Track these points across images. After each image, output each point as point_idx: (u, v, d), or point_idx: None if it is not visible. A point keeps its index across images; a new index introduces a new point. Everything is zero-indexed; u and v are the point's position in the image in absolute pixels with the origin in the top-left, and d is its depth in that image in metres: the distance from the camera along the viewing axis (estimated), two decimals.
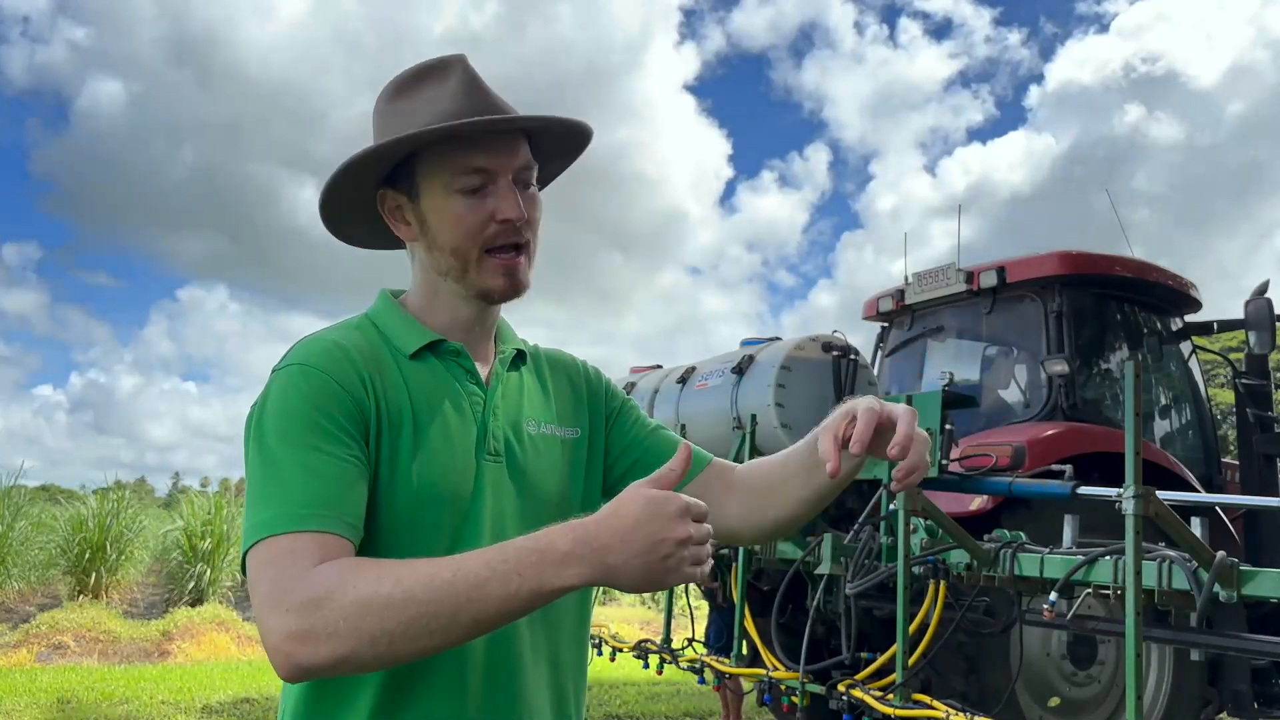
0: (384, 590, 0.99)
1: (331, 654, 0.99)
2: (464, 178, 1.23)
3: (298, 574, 1.03)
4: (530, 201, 1.27)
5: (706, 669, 5.08)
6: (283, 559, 1.04)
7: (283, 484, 1.10)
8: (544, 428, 1.34)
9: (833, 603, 4.40)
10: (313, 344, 1.22)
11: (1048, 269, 5.61)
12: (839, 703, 4.07)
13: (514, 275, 1.26)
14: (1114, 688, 4.97)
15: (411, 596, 0.99)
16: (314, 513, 1.08)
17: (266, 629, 1.02)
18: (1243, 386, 5.82)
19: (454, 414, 1.25)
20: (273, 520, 1.07)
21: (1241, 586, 3.03)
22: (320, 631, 0.99)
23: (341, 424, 1.15)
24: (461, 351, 1.29)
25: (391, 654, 1.01)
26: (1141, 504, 3.01)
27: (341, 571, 1.03)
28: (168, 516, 17.96)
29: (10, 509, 14.07)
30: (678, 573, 1.01)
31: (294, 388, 1.16)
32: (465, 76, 1.26)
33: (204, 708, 7.52)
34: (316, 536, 1.06)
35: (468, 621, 1.00)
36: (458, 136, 1.22)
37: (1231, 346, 9.14)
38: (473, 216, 1.23)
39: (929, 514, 3.81)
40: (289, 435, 1.12)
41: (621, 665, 6.20)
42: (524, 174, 1.26)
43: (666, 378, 5.71)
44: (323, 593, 1.00)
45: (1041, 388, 5.56)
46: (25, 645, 10.86)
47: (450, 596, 0.99)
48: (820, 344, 4.87)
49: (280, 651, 1.00)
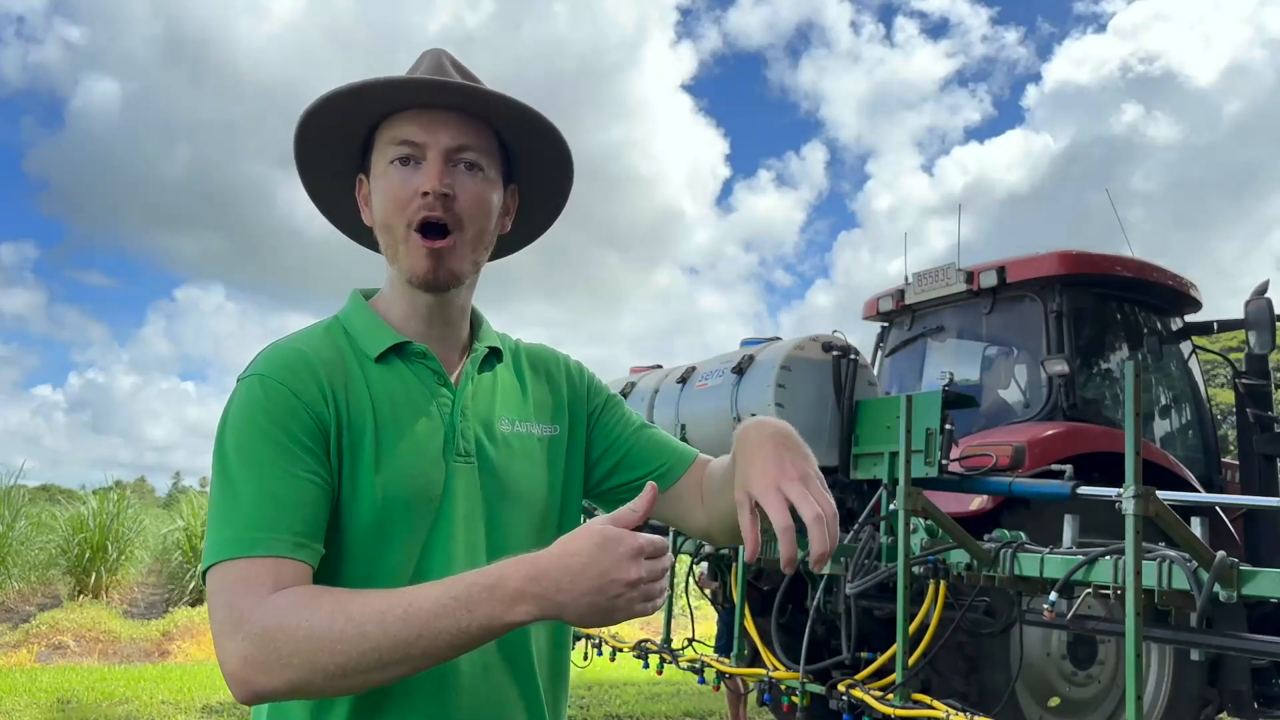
0: (337, 626, 1.02)
1: (285, 682, 1.02)
2: (395, 148, 1.23)
3: (253, 602, 1.05)
4: (469, 184, 1.24)
5: (706, 669, 5.08)
6: (237, 585, 1.06)
7: (239, 505, 1.10)
8: (518, 425, 1.33)
9: (833, 603, 4.40)
10: (276, 353, 1.21)
11: (1048, 269, 5.61)
12: (839, 703, 4.08)
13: (437, 259, 1.22)
14: (1114, 688, 4.97)
15: (364, 634, 1.01)
16: (270, 537, 1.08)
17: (222, 653, 1.05)
18: (1243, 386, 5.82)
19: (421, 417, 1.24)
20: (229, 543, 1.08)
21: (1241, 586, 3.03)
22: (274, 662, 1.02)
23: (300, 439, 1.14)
24: (427, 354, 1.28)
25: (345, 685, 1.04)
26: (1141, 504, 3.01)
27: (296, 604, 1.04)
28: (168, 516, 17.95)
29: (10, 509, 14.07)
30: (626, 610, 1.02)
31: (253, 401, 1.16)
32: (434, 60, 1.28)
33: (204, 708, 7.52)
34: (271, 562, 1.08)
35: (419, 655, 1.02)
36: (407, 108, 1.23)
37: (1231, 346, 9.13)
38: (400, 189, 1.22)
39: (929, 514, 3.81)
40: (246, 452, 1.13)
41: (621, 665, 6.21)
42: (463, 154, 1.24)
43: (666, 378, 5.71)
44: (275, 625, 1.03)
45: (1041, 388, 5.56)
46: (25, 645, 10.86)
47: (402, 632, 1.01)
48: (820, 344, 4.86)
49: (236, 677, 1.04)
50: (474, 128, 1.25)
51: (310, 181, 1.37)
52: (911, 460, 3.95)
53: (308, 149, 1.32)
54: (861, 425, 4.74)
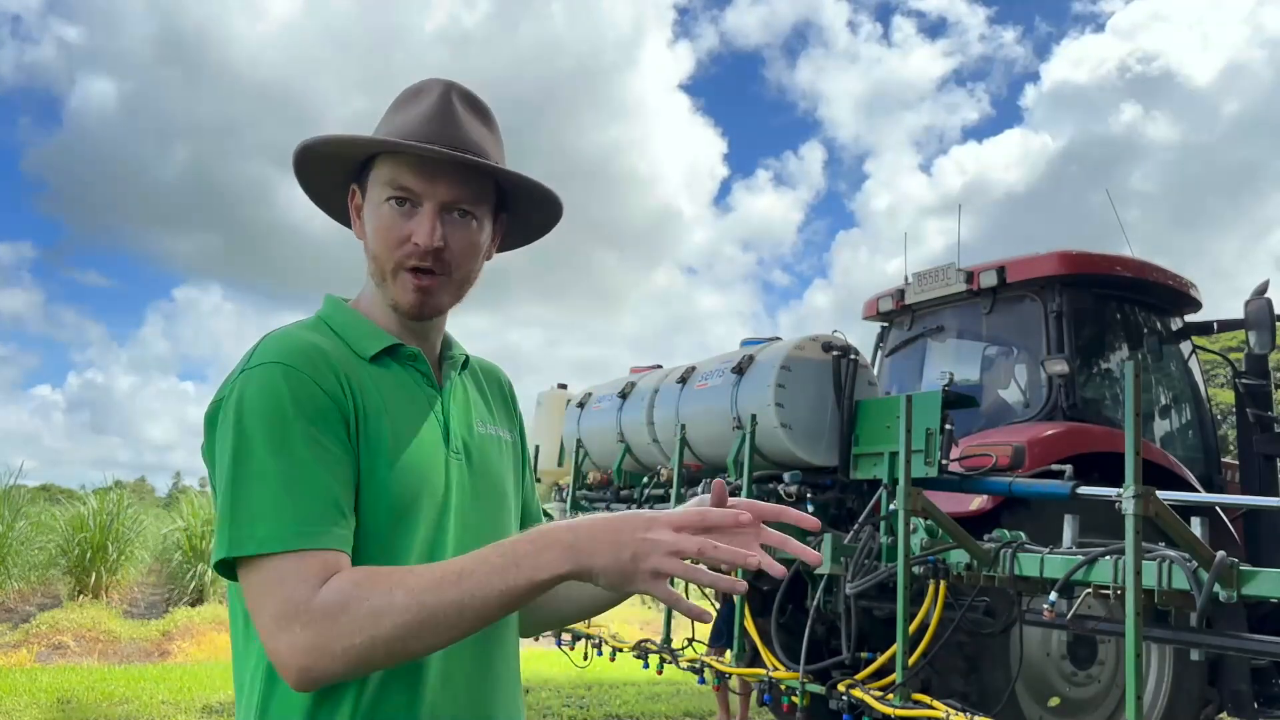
0: (396, 599, 1.06)
1: (345, 663, 1.06)
2: (391, 190, 1.27)
3: (308, 592, 1.07)
4: (460, 233, 1.28)
5: (707, 669, 5.09)
6: (291, 578, 1.08)
7: (274, 494, 1.11)
8: (489, 428, 1.40)
9: (833, 603, 4.40)
10: (288, 342, 1.21)
11: (1048, 269, 5.61)
12: (839, 703, 4.08)
13: (425, 294, 1.28)
14: (1114, 688, 4.97)
15: (422, 603, 1.06)
16: (316, 530, 1.10)
17: (278, 646, 1.07)
18: (1243, 386, 5.82)
19: (420, 414, 1.28)
20: (275, 536, 1.09)
21: (1241, 586, 3.03)
22: (337, 643, 1.05)
23: (327, 428, 1.16)
24: (419, 356, 1.32)
25: (402, 653, 1.09)
26: (1141, 504, 3.01)
27: (353, 585, 1.08)
28: (168, 516, 17.96)
29: (10, 509, 14.07)
30: (652, 561, 1.07)
31: (277, 389, 1.15)
32: (442, 101, 1.30)
33: (204, 708, 7.52)
34: (319, 555, 1.10)
35: (471, 616, 1.08)
36: (399, 152, 1.27)
37: (1231, 346, 9.13)
38: (393, 231, 1.27)
39: (929, 514, 3.81)
40: (278, 442, 1.13)
41: (621, 665, 6.21)
42: (458, 205, 1.28)
43: (666, 378, 5.71)
44: (337, 607, 1.06)
45: (1041, 388, 5.56)
46: (25, 645, 10.87)
47: (457, 596, 1.07)
48: (820, 344, 4.87)
49: (297, 666, 1.06)
50: (470, 179, 1.29)
51: (309, 187, 1.41)
52: (911, 460, 3.95)
53: (306, 165, 1.36)
54: (861, 425, 4.74)
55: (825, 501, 4.81)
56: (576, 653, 6.02)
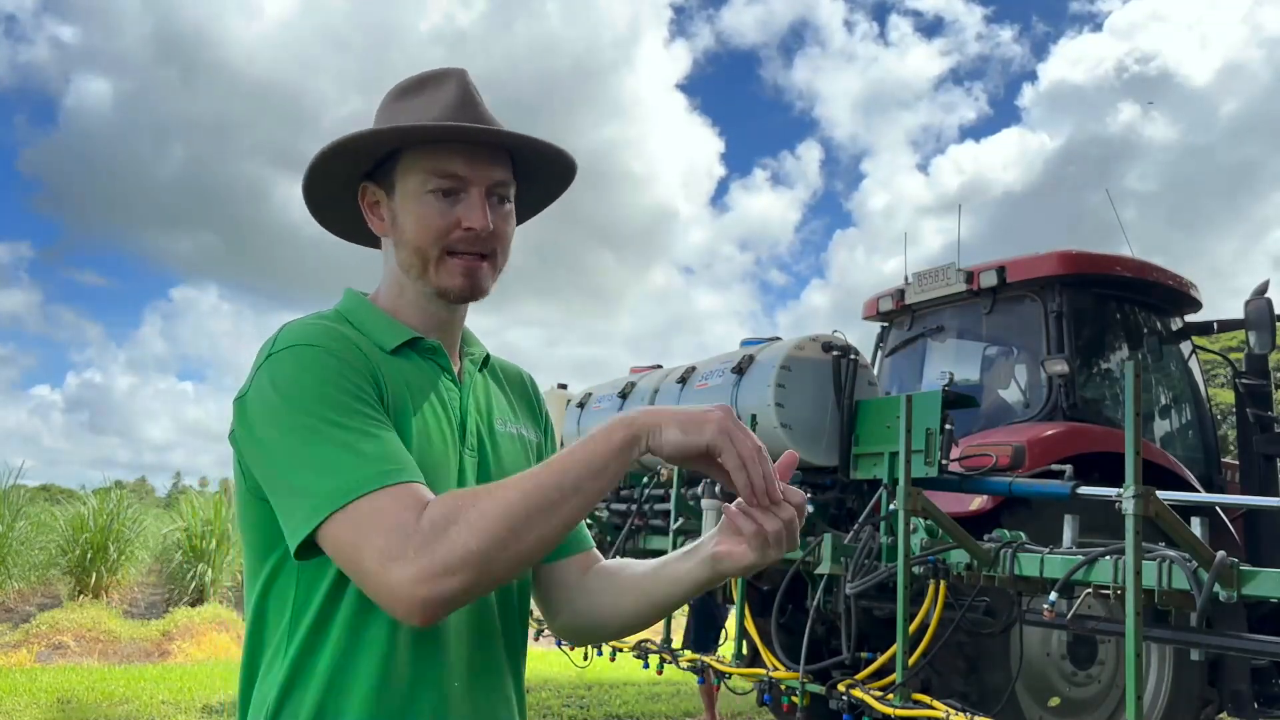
0: (500, 496, 1.07)
1: (465, 580, 1.04)
2: (438, 180, 1.27)
3: (413, 517, 1.06)
4: (501, 216, 1.31)
5: (707, 669, 5.08)
6: (390, 509, 1.06)
7: (347, 451, 1.10)
8: (510, 426, 1.41)
9: (833, 603, 4.40)
10: (314, 328, 1.21)
11: (1048, 269, 5.61)
12: (839, 703, 4.08)
13: (473, 277, 1.29)
14: (1114, 688, 4.97)
15: (524, 491, 1.07)
16: (397, 467, 1.10)
17: (391, 581, 1.04)
18: (1243, 386, 5.82)
19: (437, 407, 1.29)
20: (360, 480, 1.08)
21: (1241, 586, 3.03)
22: (453, 557, 1.03)
23: (370, 401, 1.16)
24: (439, 349, 1.33)
25: (519, 551, 1.07)
26: (1141, 504, 3.01)
27: (455, 498, 1.09)
28: (168, 516, 17.95)
29: (10, 509, 14.06)
30: (713, 416, 1.11)
31: (314, 364, 1.15)
32: (461, 88, 1.31)
33: (204, 708, 7.52)
34: (409, 486, 1.09)
35: (570, 490, 1.08)
36: (441, 139, 1.26)
37: (1231, 346, 9.13)
38: (440, 220, 1.27)
39: (929, 514, 3.81)
40: (329, 409, 1.12)
41: (621, 665, 6.20)
42: (499, 189, 1.30)
43: (666, 378, 5.71)
44: (446, 520, 1.05)
45: (1041, 388, 5.56)
46: (25, 645, 10.86)
47: (553, 477, 1.08)
48: (820, 344, 4.87)
49: (414, 599, 1.04)
50: (506, 162, 1.32)
51: (316, 190, 1.38)
52: (911, 460, 3.95)
53: (329, 165, 1.33)
54: (861, 425, 4.74)
55: (825, 501, 4.81)
56: (576, 653, 6.02)
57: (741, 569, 1.17)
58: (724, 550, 1.17)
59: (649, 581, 1.31)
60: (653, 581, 1.30)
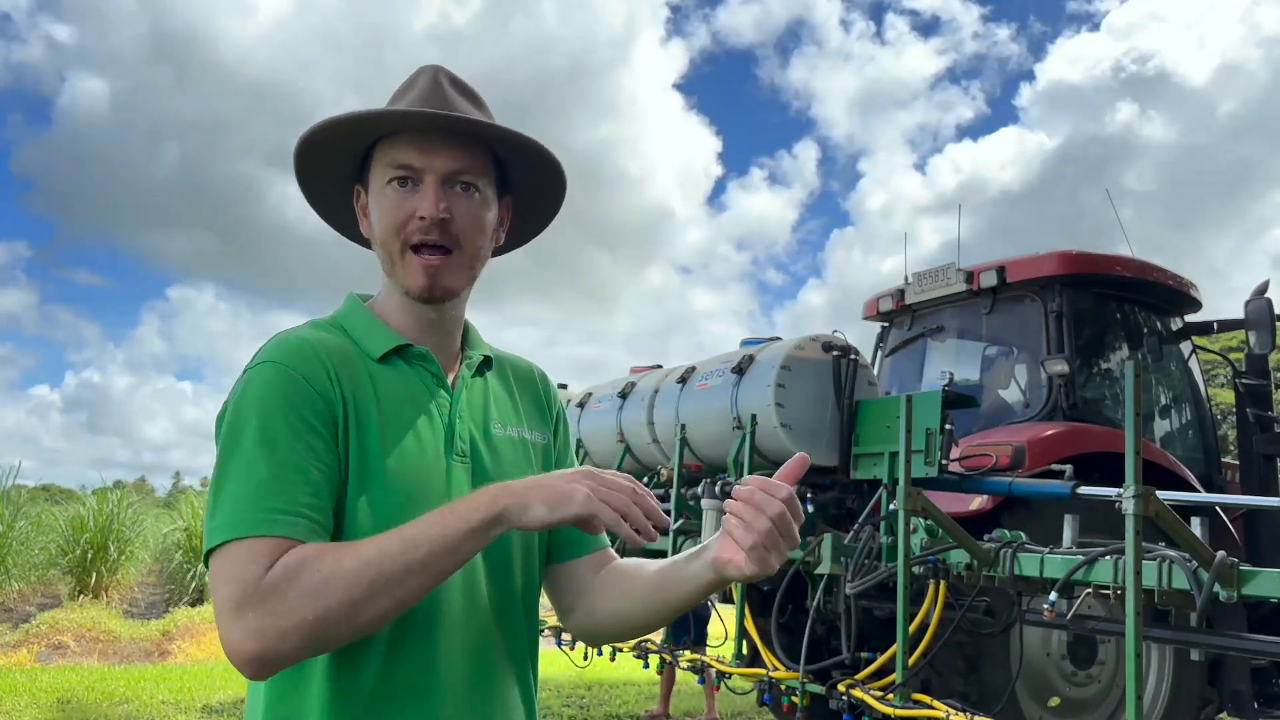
0: (344, 563, 1.07)
1: (300, 642, 1.05)
2: (394, 170, 1.27)
3: (258, 572, 1.06)
4: (467, 205, 1.28)
5: (707, 669, 5.08)
6: (242, 561, 1.08)
7: (248, 486, 1.12)
8: (510, 430, 1.39)
9: (833, 603, 4.40)
10: (285, 342, 1.23)
11: (1048, 269, 5.61)
12: (839, 703, 4.08)
13: (433, 276, 1.27)
14: (1114, 688, 4.97)
15: (366, 561, 1.07)
16: (277, 518, 1.10)
17: (228, 631, 1.06)
18: (1243, 386, 5.82)
19: (422, 416, 1.28)
20: (236, 523, 1.09)
21: (1241, 586, 3.03)
22: (287, 622, 1.04)
23: (312, 424, 1.17)
24: (428, 356, 1.32)
25: (360, 621, 1.07)
26: (1141, 504, 3.01)
27: (301, 559, 1.07)
28: (168, 516, 17.95)
29: (10, 509, 14.06)
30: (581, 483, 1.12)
31: (266, 385, 1.17)
32: (431, 80, 1.31)
33: (204, 708, 7.52)
34: (277, 540, 1.09)
35: (418, 567, 1.08)
36: (404, 130, 1.27)
37: (1231, 346, 9.13)
38: (397, 211, 1.27)
39: (929, 514, 3.81)
40: (258, 434, 1.14)
41: (621, 665, 6.20)
42: (462, 176, 1.28)
43: (666, 378, 5.71)
44: (285, 582, 1.05)
45: (1041, 388, 5.55)
46: (25, 645, 10.86)
47: (400, 548, 1.08)
48: (820, 344, 4.87)
49: (246, 653, 1.05)
50: (470, 149, 1.29)
51: (310, 190, 1.40)
52: (911, 460, 3.95)
53: (308, 164, 1.36)
54: (861, 425, 4.74)
55: (825, 501, 4.81)
56: (576, 653, 6.02)
57: (745, 578, 1.16)
58: (725, 558, 1.17)
59: (658, 583, 1.31)
60: (662, 583, 1.30)
